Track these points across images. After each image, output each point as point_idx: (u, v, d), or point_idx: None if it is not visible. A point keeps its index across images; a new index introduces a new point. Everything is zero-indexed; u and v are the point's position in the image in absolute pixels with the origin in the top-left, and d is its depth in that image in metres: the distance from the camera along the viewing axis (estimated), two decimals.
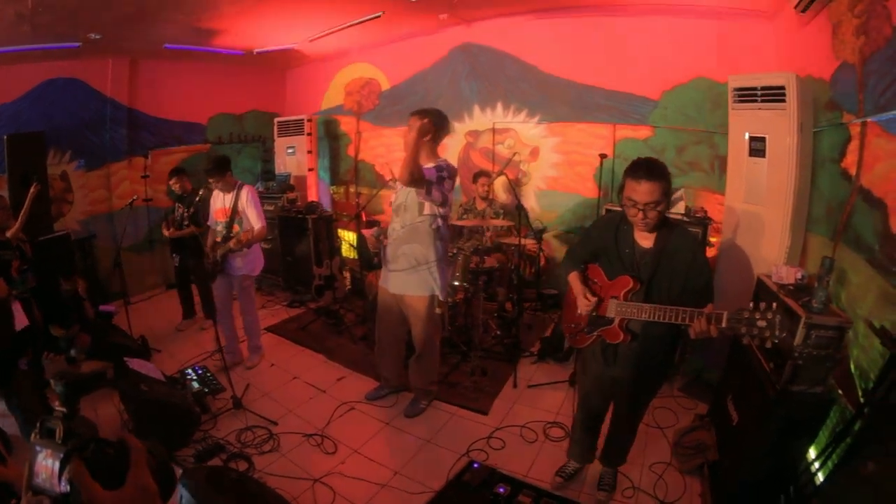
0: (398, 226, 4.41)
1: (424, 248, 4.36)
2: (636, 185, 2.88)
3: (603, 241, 3.27)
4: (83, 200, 8.25)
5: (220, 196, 5.49)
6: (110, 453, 1.03)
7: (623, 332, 3.13)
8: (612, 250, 3.19)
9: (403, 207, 4.35)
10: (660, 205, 2.87)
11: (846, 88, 3.80)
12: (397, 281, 4.52)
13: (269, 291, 8.68)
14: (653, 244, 3.04)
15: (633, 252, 3.10)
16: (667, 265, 2.99)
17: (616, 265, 3.16)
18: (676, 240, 3.00)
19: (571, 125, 7.28)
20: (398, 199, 4.44)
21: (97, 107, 8.14)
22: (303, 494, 3.78)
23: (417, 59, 8.68)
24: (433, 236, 4.35)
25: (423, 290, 4.46)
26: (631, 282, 3.05)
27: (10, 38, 6.21)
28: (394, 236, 4.47)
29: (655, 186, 2.84)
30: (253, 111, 10.50)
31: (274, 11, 6.63)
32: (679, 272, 2.96)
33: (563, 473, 3.92)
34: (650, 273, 3.02)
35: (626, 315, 3.06)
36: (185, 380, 5.15)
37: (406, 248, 4.39)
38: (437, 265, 4.43)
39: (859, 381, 3.11)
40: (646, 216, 2.90)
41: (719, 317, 2.60)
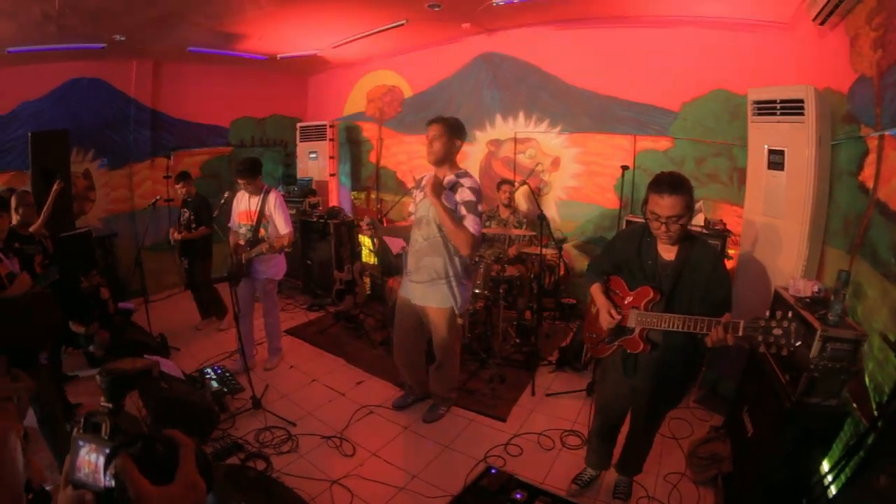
0: (420, 237, 4.37)
1: (445, 262, 4.33)
2: (659, 199, 2.92)
3: (626, 252, 3.30)
4: (105, 199, 8.40)
5: (244, 198, 5.52)
6: (159, 449, 1.01)
7: (643, 341, 3.16)
8: (635, 262, 3.22)
9: (426, 221, 4.31)
10: (682, 218, 2.91)
11: (864, 101, 3.81)
12: (418, 292, 4.48)
13: (290, 295, 8.73)
14: (675, 256, 3.07)
15: (656, 264, 3.14)
16: (688, 277, 3.02)
17: (638, 276, 3.20)
18: (698, 252, 3.04)
19: (592, 136, 7.30)
20: (419, 211, 4.39)
21: (120, 107, 8.29)
22: (321, 495, 3.82)
23: (440, 67, 8.74)
24: (455, 252, 4.31)
25: (444, 302, 4.42)
26: (651, 292, 3.08)
27: (37, 37, 6.32)
28: (416, 247, 4.43)
29: (678, 200, 2.88)
30: (275, 115, 10.62)
31: (298, 17, 6.70)
32: (699, 284, 2.99)
33: (580, 481, 3.95)
34: (671, 284, 3.05)
35: (646, 325, 3.09)
36: (205, 379, 5.19)
37: (427, 260, 4.36)
38: (456, 280, 4.40)
39: (873, 395, 3.11)
40: (668, 229, 2.94)
41: (736, 325, 2.64)
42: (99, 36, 6.72)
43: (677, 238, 3.01)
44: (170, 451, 1.03)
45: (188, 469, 1.02)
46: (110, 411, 1.04)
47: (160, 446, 1.03)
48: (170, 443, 1.05)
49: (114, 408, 1.05)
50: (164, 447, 1.03)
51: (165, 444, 1.04)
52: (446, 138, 4.18)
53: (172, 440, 1.05)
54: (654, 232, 3.05)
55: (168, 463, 1.01)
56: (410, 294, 4.56)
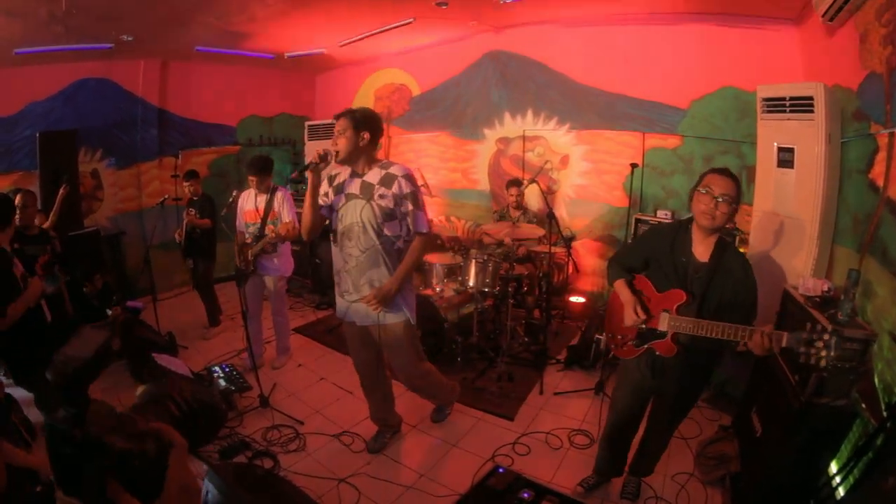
0: (356, 250, 3.78)
1: (388, 271, 3.79)
2: (718, 177, 2.95)
3: (658, 247, 3.24)
4: (113, 198, 8.43)
5: (250, 198, 5.54)
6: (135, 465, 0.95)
7: (676, 344, 3.10)
8: (667, 258, 3.17)
9: (358, 228, 3.74)
10: (731, 204, 2.90)
11: (873, 98, 3.77)
12: (365, 311, 3.84)
13: (298, 293, 8.78)
14: (709, 258, 3.04)
15: (689, 263, 3.09)
16: (719, 281, 2.99)
17: (669, 273, 3.14)
18: (730, 258, 3.02)
19: (601, 133, 7.29)
20: (346, 217, 3.80)
21: (128, 107, 8.31)
22: (328, 493, 3.83)
23: (448, 65, 8.74)
24: (397, 257, 3.81)
25: (398, 316, 3.91)
26: (683, 295, 3.04)
27: (44, 38, 6.33)
28: (352, 263, 3.82)
29: (733, 185, 2.91)
30: (283, 114, 10.64)
31: (305, 16, 6.70)
32: (728, 289, 2.98)
33: (585, 484, 3.93)
34: (703, 287, 3.01)
35: (680, 329, 3.03)
36: (212, 377, 5.22)
37: (370, 274, 3.79)
38: (406, 286, 3.93)
39: (883, 395, 3.09)
40: (717, 207, 2.91)
41: (779, 337, 2.63)
42: (106, 36, 6.73)
43: (721, 223, 2.96)
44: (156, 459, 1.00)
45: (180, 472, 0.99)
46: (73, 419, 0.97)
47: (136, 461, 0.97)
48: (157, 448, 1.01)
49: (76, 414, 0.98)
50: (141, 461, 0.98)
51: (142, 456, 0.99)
52: (351, 132, 3.69)
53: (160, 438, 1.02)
54: (700, 211, 2.99)
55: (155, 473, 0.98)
56: (357, 317, 3.95)
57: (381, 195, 3.67)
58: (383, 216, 3.68)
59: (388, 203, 3.67)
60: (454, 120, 8.85)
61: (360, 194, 3.72)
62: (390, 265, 3.77)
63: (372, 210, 3.67)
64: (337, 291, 4.05)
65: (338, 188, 3.88)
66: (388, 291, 3.70)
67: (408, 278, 3.86)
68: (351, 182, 3.81)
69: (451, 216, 9.14)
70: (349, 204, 3.76)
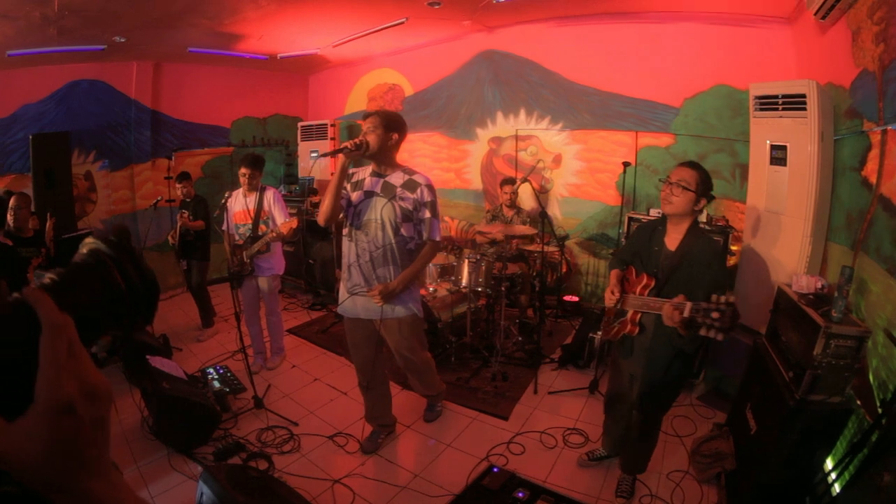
0: (372, 246, 3.84)
1: (399, 269, 3.91)
2: (679, 168, 3.23)
3: (641, 239, 3.54)
4: (107, 200, 8.40)
5: (239, 199, 5.54)
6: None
7: (632, 324, 3.37)
8: (645, 248, 3.44)
9: (376, 225, 3.83)
10: (688, 191, 3.12)
11: (866, 96, 3.80)
12: (376, 307, 3.92)
13: (292, 294, 8.78)
14: (677, 247, 3.24)
15: (660, 251, 3.33)
16: (686, 269, 3.16)
17: (645, 262, 3.40)
18: (700, 246, 3.18)
19: (594, 132, 7.31)
20: (365, 212, 3.86)
21: (121, 109, 8.30)
22: (322, 495, 3.81)
23: (441, 65, 8.74)
24: (408, 258, 3.94)
25: (404, 310, 4.02)
26: (646, 279, 3.31)
27: (37, 40, 6.31)
28: (366, 258, 3.88)
29: (691, 173, 3.16)
30: (276, 115, 10.63)
31: (298, 17, 6.69)
32: (696, 276, 3.10)
33: (591, 453, 4.15)
34: (668, 273, 3.22)
35: (633, 307, 3.36)
36: (207, 379, 5.20)
37: (382, 270, 3.89)
38: (412, 284, 4.05)
39: (877, 392, 3.10)
40: (672, 192, 3.18)
41: (682, 306, 2.82)
42: (99, 37, 6.71)
43: (680, 209, 3.19)
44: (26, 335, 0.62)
45: (52, 373, 0.61)
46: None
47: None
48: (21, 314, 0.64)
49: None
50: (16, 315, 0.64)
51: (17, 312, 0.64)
52: (381, 131, 3.77)
53: (25, 308, 0.64)
54: (661, 198, 3.29)
55: (24, 364, 0.61)
56: (364, 311, 4.03)
57: (403, 197, 3.80)
58: (403, 216, 3.81)
59: (408, 206, 3.81)
60: (447, 120, 8.85)
61: (382, 193, 3.83)
62: (400, 264, 3.89)
63: (393, 209, 3.79)
64: (343, 287, 4.10)
65: (357, 185, 3.97)
66: (394, 289, 3.83)
67: (414, 279, 3.99)
68: (372, 181, 3.92)
69: (444, 216, 9.10)
70: (369, 201, 3.85)
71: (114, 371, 5.61)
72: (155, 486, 3.88)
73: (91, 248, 0.80)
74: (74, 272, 0.76)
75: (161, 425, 4.43)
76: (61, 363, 0.62)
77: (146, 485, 3.89)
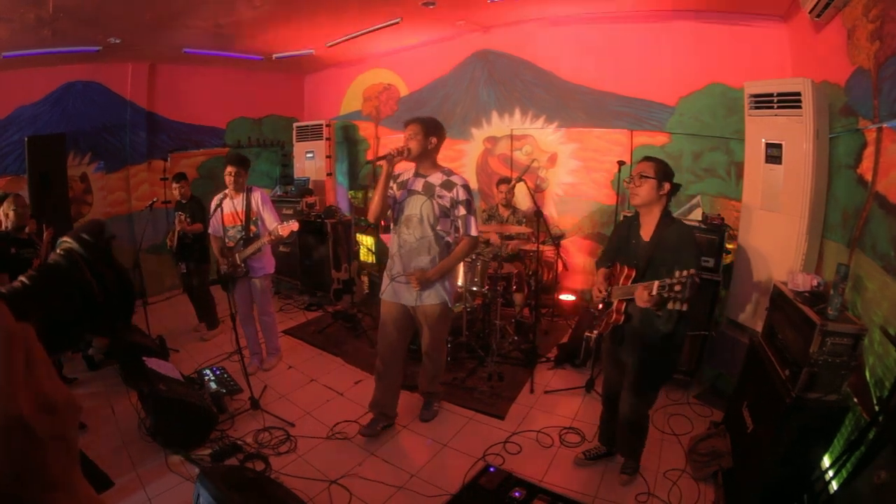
0: (412, 238, 4.25)
1: (436, 259, 4.27)
2: (639, 163, 3.54)
3: (620, 235, 3.81)
4: (102, 202, 8.38)
5: (227, 202, 5.51)
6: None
7: (618, 313, 3.62)
8: (625, 242, 3.70)
9: (416, 219, 4.23)
10: (647, 178, 3.43)
11: (861, 94, 3.80)
12: (410, 293, 4.32)
13: (288, 295, 8.76)
14: (650, 237, 3.50)
15: (638, 243, 3.58)
16: (659, 255, 3.39)
17: (627, 255, 3.64)
18: (670, 232, 3.42)
19: (589, 131, 7.30)
20: (407, 208, 4.28)
21: (117, 110, 8.28)
22: (319, 495, 3.81)
23: (436, 65, 8.73)
24: (445, 250, 4.31)
25: (439, 298, 4.35)
26: (627, 269, 3.57)
27: (31, 41, 6.29)
28: (406, 248, 4.30)
29: (647, 164, 3.49)
30: (271, 115, 10.60)
31: (292, 17, 6.68)
32: (669, 261, 3.25)
33: (588, 452, 4.19)
34: (645, 262, 3.46)
35: (616, 297, 3.60)
36: (203, 380, 5.19)
37: (419, 259, 4.26)
38: (448, 275, 4.41)
39: (874, 389, 3.10)
40: (635, 184, 3.48)
41: (650, 285, 3.11)
42: (94, 39, 6.69)
43: (644, 199, 3.48)
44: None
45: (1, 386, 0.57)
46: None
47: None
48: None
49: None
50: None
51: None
52: (422, 136, 4.24)
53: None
54: (630, 194, 3.58)
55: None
56: (401, 297, 4.41)
57: (441, 196, 4.21)
58: (441, 213, 4.22)
59: (446, 203, 4.22)
60: (442, 119, 8.67)
61: (423, 192, 4.25)
62: (436, 255, 4.27)
63: (432, 206, 4.21)
64: (386, 274, 4.51)
65: (402, 184, 4.39)
66: (430, 277, 4.23)
67: (450, 270, 4.40)
68: (415, 181, 4.33)
69: None
70: (411, 198, 4.28)
71: (110, 373, 5.61)
72: (152, 488, 3.87)
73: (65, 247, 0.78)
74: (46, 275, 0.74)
75: (158, 427, 4.42)
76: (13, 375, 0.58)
77: (143, 486, 3.89)
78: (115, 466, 4.10)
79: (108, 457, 4.22)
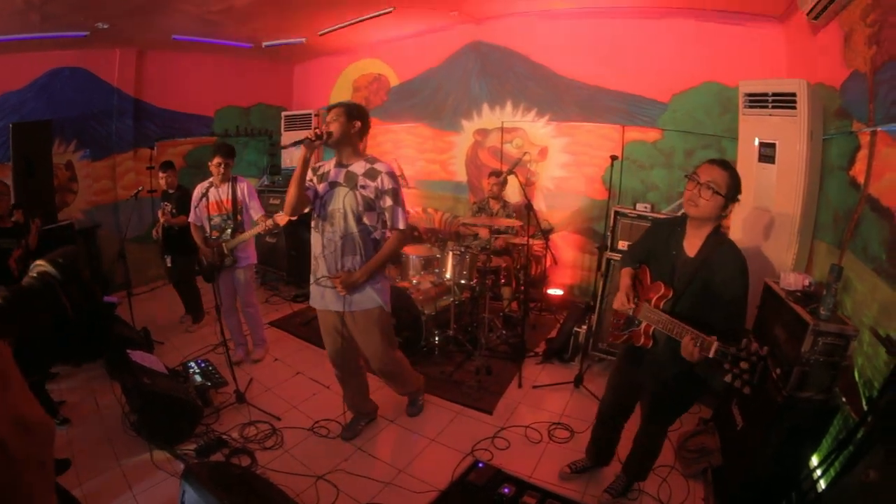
0: (336, 236, 3.85)
1: (364, 259, 3.88)
2: (707, 165, 2.94)
3: (658, 238, 3.28)
4: (88, 190, 8.30)
5: (211, 190, 5.45)
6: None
7: (646, 337, 3.15)
8: (662, 250, 3.19)
9: (340, 215, 3.82)
10: (717, 194, 2.85)
11: (856, 97, 3.81)
12: (339, 298, 3.92)
13: (273, 286, 8.72)
14: (696, 253, 3.00)
15: (678, 256, 3.08)
16: (704, 276, 2.92)
17: (662, 265, 3.16)
18: (722, 255, 2.92)
19: (580, 126, 7.31)
20: (330, 202, 3.86)
21: (103, 97, 8.18)
22: (306, 491, 3.78)
23: (427, 56, 8.70)
24: (373, 247, 3.91)
25: (371, 302, 3.98)
26: (663, 289, 3.05)
27: (18, 26, 6.22)
28: (331, 248, 3.89)
29: (722, 174, 2.87)
30: (260, 104, 10.54)
31: (283, 4, 6.64)
32: (713, 286, 2.89)
33: (574, 465, 3.97)
34: (685, 284, 2.98)
35: (649, 321, 3.09)
36: (188, 373, 5.16)
37: (347, 260, 3.87)
38: (379, 275, 4.01)
39: (863, 390, 3.11)
40: (700, 194, 2.89)
41: (708, 345, 2.61)
42: (82, 24, 6.60)
43: (706, 213, 2.93)
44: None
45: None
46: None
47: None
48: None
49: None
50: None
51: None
52: (344, 119, 3.77)
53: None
54: (686, 199, 3.00)
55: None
56: (329, 303, 4.03)
57: (364, 186, 3.78)
58: (364, 205, 3.79)
59: (370, 194, 3.79)
60: (433, 111, 8.83)
61: (345, 183, 3.82)
62: (364, 254, 3.87)
63: (355, 198, 3.78)
64: (312, 279, 4.09)
65: (322, 177, 3.95)
66: (356, 280, 3.82)
67: (379, 270, 3.95)
68: (336, 171, 3.89)
69: (428, 208, 9.12)
70: (333, 191, 3.85)
71: (94, 365, 5.54)
72: (137, 484, 3.82)
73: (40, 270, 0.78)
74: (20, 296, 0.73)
75: (142, 421, 4.36)
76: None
77: (128, 482, 3.84)
78: (99, 460, 4.06)
79: (91, 451, 4.17)
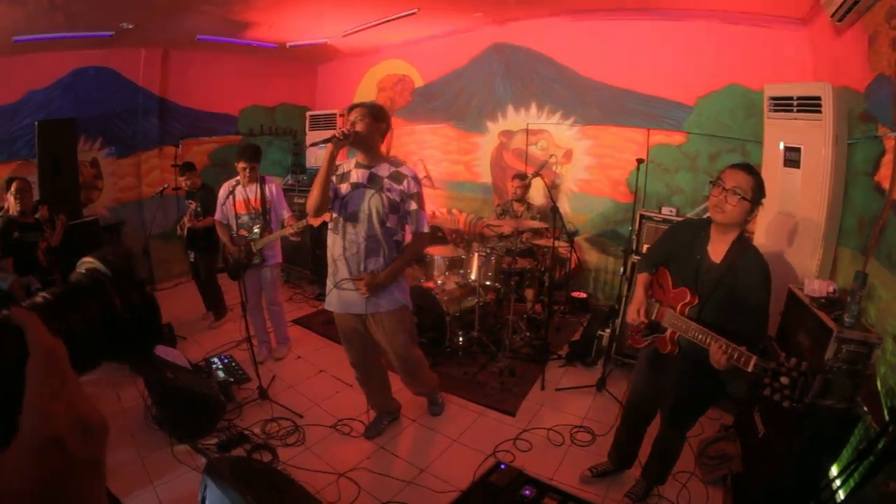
0: (359, 237, 3.79)
1: (387, 260, 3.87)
2: (732, 170, 2.93)
3: (680, 241, 3.25)
4: (113, 187, 8.39)
5: (238, 189, 5.47)
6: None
7: (671, 344, 3.13)
8: (685, 253, 3.16)
9: (363, 216, 3.77)
10: (743, 200, 2.84)
11: (881, 101, 3.76)
12: (361, 300, 3.85)
13: (297, 284, 8.78)
14: (721, 259, 2.98)
15: (702, 261, 3.06)
16: (730, 283, 2.92)
17: (684, 270, 3.14)
18: (747, 261, 2.92)
19: (605, 128, 7.28)
20: (351, 204, 3.81)
21: (129, 96, 8.26)
22: (327, 488, 3.81)
23: (452, 57, 8.70)
24: (396, 249, 3.90)
25: (395, 303, 3.96)
26: (689, 295, 3.02)
27: (44, 26, 6.28)
28: (353, 250, 3.82)
29: (747, 179, 2.86)
30: (284, 104, 10.60)
31: (308, 5, 6.67)
32: (738, 293, 2.89)
33: (595, 469, 3.97)
34: (711, 290, 2.97)
35: (675, 328, 3.06)
36: (211, 368, 5.20)
37: (370, 262, 3.83)
38: (400, 276, 4.02)
39: (885, 399, 3.08)
40: (726, 200, 2.87)
41: (747, 360, 2.55)
42: (106, 24, 6.67)
43: (733, 218, 2.91)
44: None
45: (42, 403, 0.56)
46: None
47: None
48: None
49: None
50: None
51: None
52: (370, 119, 3.73)
53: (12, 329, 0.59)
54: (711, 205, 2.97)
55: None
56: (350, 306, 3.96)
57: (389, 189, 3.77)
58: (390, 207, 3.77)
59: (395, 197, 3.78)
60: (457, 112, 8.84)
61: (369, 184, 3.79)
62: (387, 255, 3.85)
63: (381, 199, 3.75)
64: (329, 282, 4.03)
65: (342, 177, 3.90)
66: (381, 281, 3.81)
67: (402, 271, 3.98)
68: (359, 172, 3.85)
69: (453, 208, 9.14)
70: (356, 192, 3.80)
71: None
72: (158, 477, 3.88)
73: (89, 267, 0.77)
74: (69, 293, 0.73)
75: (164, 415, 4.42)
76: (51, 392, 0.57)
77: (149, 475, 3.89)
78: (120, 453, 4.14)
79: (112, 443, 4.20)
